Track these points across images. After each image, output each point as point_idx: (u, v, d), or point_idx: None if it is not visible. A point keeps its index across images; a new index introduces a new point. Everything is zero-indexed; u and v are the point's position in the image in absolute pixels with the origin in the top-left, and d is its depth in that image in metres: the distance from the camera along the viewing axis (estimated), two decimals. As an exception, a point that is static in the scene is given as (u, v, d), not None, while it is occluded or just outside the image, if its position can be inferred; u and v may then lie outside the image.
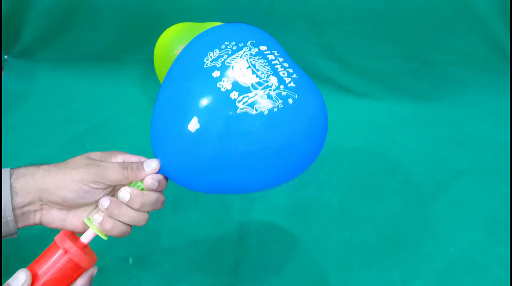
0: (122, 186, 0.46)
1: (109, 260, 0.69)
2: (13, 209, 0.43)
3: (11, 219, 0.43)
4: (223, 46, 0.45)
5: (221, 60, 0.44)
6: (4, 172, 0.44)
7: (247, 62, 0.44)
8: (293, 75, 0.45)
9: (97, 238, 0.45)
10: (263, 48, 0.46)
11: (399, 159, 0.88)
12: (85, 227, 0.46)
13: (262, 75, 0.44)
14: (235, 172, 0.45)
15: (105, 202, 0.44)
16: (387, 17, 1.03)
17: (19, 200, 0.43)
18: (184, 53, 0.48)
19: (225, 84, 0.43)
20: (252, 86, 0.43)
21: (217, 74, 0.44)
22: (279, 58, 0.46)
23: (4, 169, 0.44)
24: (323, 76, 1.05)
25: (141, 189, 0.46)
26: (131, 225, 0.46)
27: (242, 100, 0.43)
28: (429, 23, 1.04)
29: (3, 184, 0.43)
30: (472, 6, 1.01)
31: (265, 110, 0.43)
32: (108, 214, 0.44)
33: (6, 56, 1.10)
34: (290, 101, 0.43)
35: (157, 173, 0.46)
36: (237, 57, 0.45)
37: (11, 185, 0.43)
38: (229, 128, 0.43)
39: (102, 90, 1.04)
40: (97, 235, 0.45)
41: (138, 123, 0.94)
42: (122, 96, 1.02)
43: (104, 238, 0.45)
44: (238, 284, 0.68)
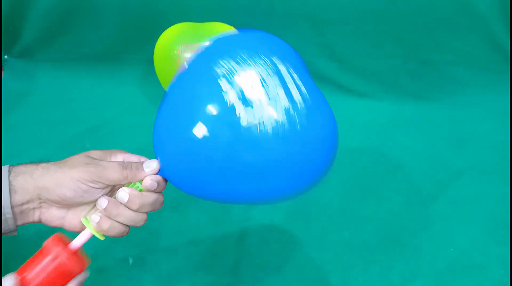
0: (121, 185, 0.46)
1: (109, 260, 0.69)
2: (11, 206, 0.43)
3: (10, 216, 0.43)
4: (237, 56, 0.43)
5: (231, 69, 0.43)
6: (3, 169, 0.43)
7: (258, 75, 0.42)
8: (305, 94, 0.43)
9: (96, 238, 0.45)
10: (278, 61, 0.44)
11: (399, 159, 0.88)
12: (83, 225, 0.45)
13: (271, 91, 0.42)
14: (233, 183, 0.44)
15: (103, 202, 0.44)
16: (387, 17, 1.03)
17: (17, 198, 0.43)
18: (196, 57, 0.47)
19: (232, 96, 0.41)
20: (259, 100, 0.41)
21: (225, 85, 0.42)
22: (293, 74, 0.44)
23: (3, 166, 0.44)
24: (323, 76, 1.05)
25: (140, 189, 0.45)
26: (129, 226, 0.46)
27: (247, 115, 0.41)
28: (429, 23, 1.04)
29: (3, 182, 0.43)
30: (472, 6, 1.01)
31: (269, 127, 0.41)
32: (106, 214, 0.44)
33: (6, 56, 1.09)
34: (297, 122, 0.41)
35: (156, 174, 0.46)
36: (248, 68, 0.43)
37: (9, 183, 0.43)
38: (229, 141, 0.42)
39: (102, 90, 1.04)
40: (93, 235, 0.45)
41: (138, 123, 0.94)
42: (122, 96, 1.02)
43: (101, 238, 0.45)
44: (238, 284, 0.68)
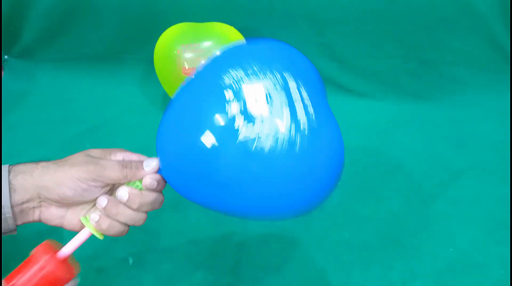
0: (121, 184, 0.46)
1: (109, 260, 0.69)
2: (11, 206, 0.43)
3: (10, 216, 0.43)
4: (247, 67, 0.42)
5: (239, 81, 0.41)
6: (3, 168, 0.43)
7: (265, 89, 0.40)
8: (311, 115, 0.41)
9: (97, 238, 0.45)
10: (289, 77, 0.42)
11: (399, 159, 0.88)
12: (83, 225, 0.45)
13: (275, 108, 0.40)
14: (223, 194, 0.42)
15: (102, 201, 0.44)
16: (387, 17, 1.03)
17: (17, 197, 0.43)
18: (207, 64, 0.46)
19: (234, 109, 0.40)
20: (261, 118, 0.39)
21: (230, 95, 0.40)
22: (304, 93, 0.42)
23: (2, 165, 0.44)
24: (323, 76, 1.02)
25: (140, 188, 0.45)
26: (128, 225, 0.45)
27: (245, 131, 0.39)
28: (429, 23, 1.04)
29: (2, 181, 0.42)
30: (472, 6, 1.01)
31: (266, 146, 0.39)
32: (106, 213, 0.44)
33: (6, 56, 1.10)
34: (296, 144, 0.40)
35: (156, 173, 0.46)
36: (256, 81, 0.41)
37: (9, 182, 0.43)
38: (224, 151, 0.40)
39: (102, 90, 1.04)
40: (93, 234, 0.45)
41: (138, 123, 0.94)
42: (122, 96, 1.02)
43: (100, 238, 0.45)
44: (238, 284, 0.68)
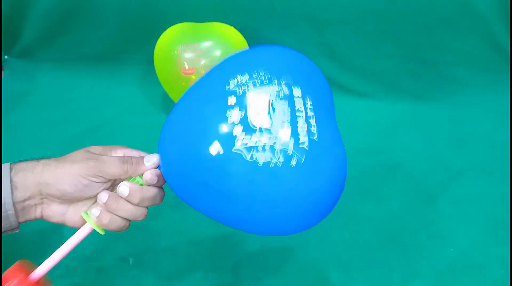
0: (122, 180, 0.46)
1: (109, 260, 0.69)
2: (13, 203, 0.43)
3: (12, 213, 0.43)
4: (254, 73, 0.41)
5: (244, 87, 0.40)
6: (4, 166, 0.44)
7: (268, 100, 0.40)
8: (313, 132, 0.40)
9: (97, 238, 0.45)
10: (296, 89, 0.41)
11: (399, 159, 0.88)
12: (84, 221, 0.45)
13: (277, 120, 0.39)
14: (214, 203, 0.42)
15: (103, 196, 0.44)
16: (387, 17, 1.03)
17: (19, 195, 0.43)
18: (217, 66, 0.45)
19: (234, 116, 0.39)
20: (260, 129, 0.39)
21: (232, 101, 0.40)
22: (309, 108, 0.41)
23: (4, 164, 0.44)
24: (323, 76, 1.04)
25: (141, 184, 0.46)
26: (129, 220, 0.46)
27: (243, 139, 0.39)
28: (429, 23, 1.04)
29: (4, 179, 0.43)
30: (472, 6, 1.01)
31: (260, 160, 0.38)
32: (107, 208, 0.44)
33: (6, 56, 1.10)
34: (293, 160, 0.38)
35: (156, 168, 0.46)
36: (261, 91, 0.40)
37: (11, 179, 0.43)
38: (219, 159, 0.39)
39: (102, 90, 1.04)
40: (94, 230, 0.45)
41: (138, 123, 0.94)
42: (122, 96, 1.02)
43: (102, 233, 0.45)
44: (238, 284, 0.68)
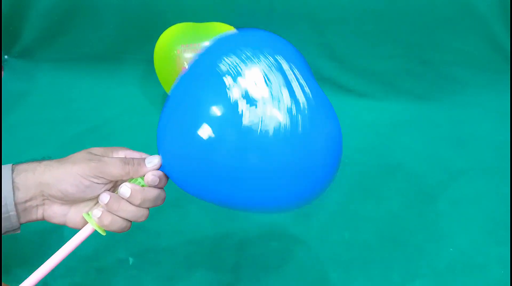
0: (123, 181, 0.46)
1: (109, 260, 0.69)
2: (15, 204, 0.43)
3: (14, 214, 0.43)
4: (240, 53, 0.43)
5: (235, 66, 0.42)
6: (6, 167, 0.44)
7: (261, 72, 0.42)
8: (308, 93, 0.42)
9: (97, 238, 0.45)
10: (281, 59, 0.43)
11: (399, 159, 0.88)
12: (85, 222, 0.46)
13: (275, 88, 0.41)
14: (232, 184, 0.43)
15: (105, 197, 0.44)
16: (387, 17, 1.03)
17: (20, 195, 0.43)
18: (201, 54, 0.46)
19: (235, 92, 0.41)
20: (262, 98, 0.41)
21: (229, 81, 0.41)
22: (296, 72, 0.43)
23: (6, 165, 0.44)
24: (323, 76, 1.05)
25: (142, 185, 0.46)
26: (130, 221, 0.46)
27: (250, 112, 0.40)
28: (429, 23, 1.04)
29: (6, 180, 0.43)
30: (472, 6, 1.01)
31: (271, 126, 0.40)
32: (108, 209, 0.44)
33: (6, 56, 1.10)
34: (299, 121, 0.41)
35: (158, 169, 0.46)
36: (252, 66, 0.42)
37: (12, 180, 0.43)
38: (231, 139, 0.41)
39: (102, 90, 1.04)
40: (95, 230, 0.45)
41: (138, 123, 0.94)
42: (122, 96, 1.02)
43: (103, 234, 0.45)
44: (238, 283, 0.68)
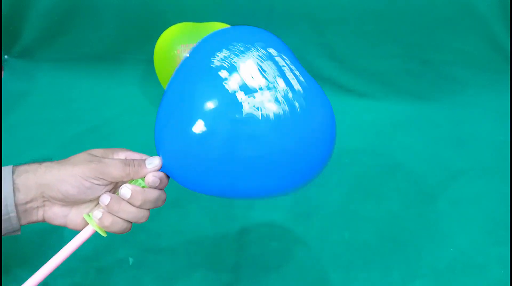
0: (123, 183, 0.46)
1: (109, 260, 0.69)
2: (15, 205, 0.43)
3: (14, 215, 0.43)
4: (231, 47, 0.44)
5: (229, 60, 0.43)
6: (7, 169, 0.44)
7: (255, 63, 0.43)
8: (301, 79, 0.44)
9: (97, 238, 0.45)
10: (271, 50, 0.45)
11: (399, 159, 0.88)
12: (86, 223, 0.46)
13: (270, 77, 0.43)
14: (238, 176, 0.44)
15: (105, 198, 0.44)
16: (387, 17, 1.03)
17: (21, 197, 0.43)
18: (192, 52, 0.48)
19: (232, 85, 0.42)
20: (259, 88, 0.42)
21: (224, 74, 0.43)
22: (288, 62, 0.45)
23: (7, 166, 0.44)
24: (323, 76, 1.05)
25: (143, 186, 0.46)
26: (131, 222, 0.46)
27: (248, 102, 0.42)
28: (429, 23, 1.04)
29: (6, 181, 0.43)
30: (472, 6, 1.01)
31: (271, 113, 0.42)
32: (108, 210, 0.44)
33: (6, 56, 1.10)
34: (296, 106, 0.42)
35: (158, 170, 0.46)
36: (245, 58, 0.44)
37: (13, 181, 0.43)
38: (233, 130, 0.42)
39: (102, 90, 1.04)
40: (96, 232, 0.45)
41: (138, 123, 0.94)
42: (122, 96, 1.02)
43: (104, 235, 0.45)
44: (238, 283, 0.68)
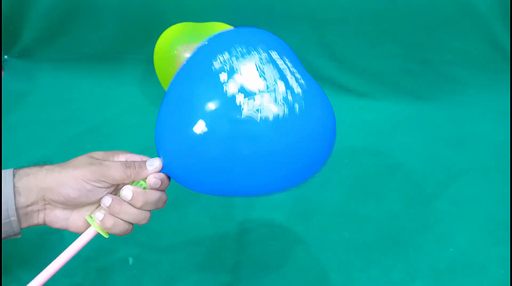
0: (124, 185, 0.46)
1: (109, 260, 0.69)
2: (16, 209, 0.43)
3: (15, 219, 0.43)
4: (233, 50, 0.45)
5: (229, 63, 0.44)
6: (8, 172, 0.44)
7: (255, 66, 0.44)
8: (301, 81, 0.45)
9: (97, 238, 0.45)
10: (273, 52, 0.46)
11: (399, 159, 0.88)
12: (87, 226, 0.46)
13: (269, 80, 0.43)
14: (238, 176, 0.44)
15: (107, 200, 0.44)
16: (387, 17, 1.03)
17: (22, 200, 0.43)
18: (194, 55, 0.48)
19: (231, 88, 0.43)
20: (259, 90, 0.43)
21: (224, 77, 0.43)
22: (288, 63, 0.46)
23: (7, 169, 0.44)
24: (323, 76, 1.05)
25: (144, 188, 0.46)
26: (132, 224, 0.46)
27: (248, 104, 0.42)
28: (429, 23, 1.04)
29: (7, 184, 0.43)
30: (472, 6, 1.01)
31: (270, 115, 0.42)
32: (110, 212, 0.45)
33: (6, 56, 1.10)
34: (296, 108, 0.43)
35: (159, 172, 0.46)
36: (245, 61, 0.44)
37: (14, 185, 0.43)
38: (233, 132, 0.42)
39: (102, 90, 1.04)
40: (98, 233, 0.45)
41: (138, 123, 0.94)
42: (122, 96, 1.02)
43: (106, 236, 0.45)
44: (238, 283, 0.68)
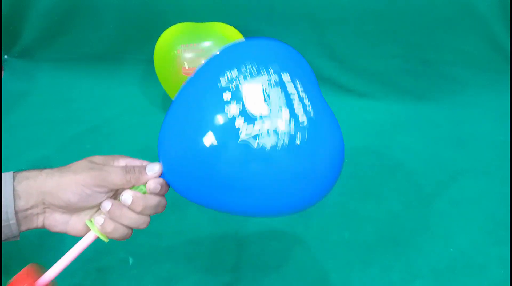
0: (124, 190, 0.46)
1: (109, 260, 0.69)
2: (15, 212, 0.43)
3: (14, 222, 0.43)
4: (242, 67, 0.43)
5: (236, 82, 0.42)
6: (7, 175, 0.44)
7: (262, 88, 0.42)
8: (309, 109, 0.42)
9: (96, 240, 0.45)
10: (285, 74, 0.43)
11: (399, 159, 0.88)
12: (86, 230, 0.46)
13: (274, 105, 0.41)
14: (227, 195, 0.43)
15: (107, 204, 0.45)
16: (387, 17, 1.03)
17: (21, 203, 0.43)
18: (204, 65, 0.47)
19: (233, 109, 0.41)
20: (260, 116, 0.41)
21: (228, 96, 0.42)
22: (300, 88, 0.43)
23: (7, 172, 0.44)
24: (323, 76, 1.05)
25: (144, 192, 0.46)
26: (132, 228, 0.46)
27: (246, 129, 0.41)
28: (429, 23, 1.04)
29: (7, 188, 0.43)
30: (472, 6, 1.01)
31: (267, 144, 0.40)
32: (110, 216, 0.45)
33: (6, 56, 1.10)
34: (297, 138, 0.41)
35: (159, 177, 0.46)
36: (253, 82, 0.42)
37: (14, 188, 0.43)
38: (227, 154, 0.41)
39: (102, 90, 1.04)
40: (98, 237, 0.45)
41: (138, 123, 0.95)
42: (122, 96, 1.02)
43: (105, 241, 0.45)
44: (238, 283, 0.68)
